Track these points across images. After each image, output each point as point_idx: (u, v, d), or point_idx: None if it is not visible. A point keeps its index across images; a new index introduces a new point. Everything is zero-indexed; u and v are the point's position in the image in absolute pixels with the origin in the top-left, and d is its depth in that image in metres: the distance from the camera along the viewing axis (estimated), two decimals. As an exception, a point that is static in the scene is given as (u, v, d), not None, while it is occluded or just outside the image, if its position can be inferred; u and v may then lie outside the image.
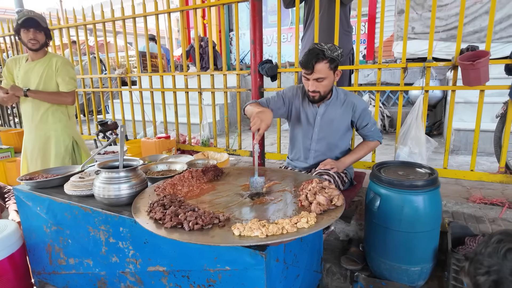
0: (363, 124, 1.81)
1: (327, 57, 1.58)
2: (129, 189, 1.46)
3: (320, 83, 1.64)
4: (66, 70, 2.22)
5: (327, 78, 1.63)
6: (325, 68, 1.60)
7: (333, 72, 1.65)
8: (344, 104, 1.79)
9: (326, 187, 1.38)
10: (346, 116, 1.80)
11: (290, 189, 1.51)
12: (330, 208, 1.25)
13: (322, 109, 1.80)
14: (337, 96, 1.81)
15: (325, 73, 1.61)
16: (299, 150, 1.94)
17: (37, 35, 2.12)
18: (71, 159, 2.36)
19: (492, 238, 0.60)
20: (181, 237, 1.04)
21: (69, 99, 2.24)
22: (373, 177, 1.66)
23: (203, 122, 2.83)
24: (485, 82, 1.81)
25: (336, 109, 1.79)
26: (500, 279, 0.56)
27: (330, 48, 1.59)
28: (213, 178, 1.69)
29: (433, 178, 1.52)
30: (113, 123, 3.27)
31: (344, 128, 1.83)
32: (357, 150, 1.80)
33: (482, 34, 4.53)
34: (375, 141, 1.82)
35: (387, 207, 1.57)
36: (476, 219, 1.89)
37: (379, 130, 1.84)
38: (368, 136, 1.82)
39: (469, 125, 3.29)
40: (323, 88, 1.67)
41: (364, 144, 1.81)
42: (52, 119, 2.25)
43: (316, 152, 1.87)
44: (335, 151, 1.88)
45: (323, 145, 1.85)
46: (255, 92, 2.51)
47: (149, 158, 2.13)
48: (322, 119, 1.81)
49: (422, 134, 1.95)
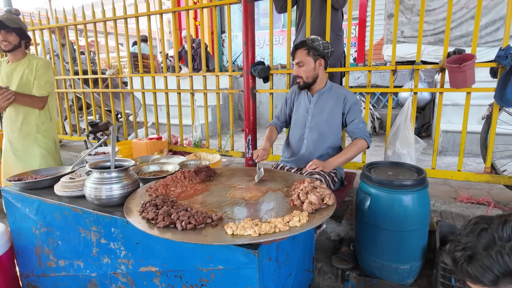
0: (351, 118, 1.87)
1: (306, 44, 1.83)
2: (120, 189, 1.45)
3: (300, 68, 1.85)
4: (44, 72, 2.18)
5: (306, 64, 1.84)
6: (303, 54, 1.83)
7: (313, 60, 1.83)
8: (336, 95, 1.91)
9: (318, 187, 1.40)
10: (337, 107, 1.89)
11: (282, 189, 1.52)
12: (322, 207, 1.27)
13: (315, 98, 1.94)
14: (331, 88, 1.95)
15: (303, 58, 1.83)
16: (294, 141, 2.03)
17: (8, 36, 2.09)
18: (55, 161, 2.34)
19: (470, 221, 0.66)
20: (174, 236, 1.04)
21: (41, 104, 2.18)
22: (364, 177, 1.69)
23: (195, 123, 2.83)
24: (471, 85, 1.86)
25: (329, 99, 1.92)
26: (473, 254, 0.63)
27: (311, 39, 1.84)
28: (206, 178, 1.69)
29: (421, 178, 1.56)
30: (104, 124, 3.24)
31: (335, 119, 1.90)
32: (345, 152, 1.84)
33: (469, 38, 4.65)
34: (362, 140, 1.83)
35: (377, 206, 1.60)
36: (464, 218, 1.93)
37: (367, 130, 1.89)
38: (355, 133, 1.85)
39: (457, 127, 3.37)
40: (304, 73, 1.86)
41: (352, 144, 1.84)
42: (35, 120, 2.22)
43: (308, 141, 1.96)
44: (325, 144, 1.93)
45: (314, 134, 1.93)
46: (247, 94, 2.52)
47: (140, 159, 2.12)
48: (315, 107, 1.93)
49: (411, 135, 1.99)
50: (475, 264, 0.62)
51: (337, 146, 1.98)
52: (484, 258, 0.61)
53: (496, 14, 4.57)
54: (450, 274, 1.51)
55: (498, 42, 4.46)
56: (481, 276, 0.61)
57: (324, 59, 1.86)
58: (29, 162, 2.26)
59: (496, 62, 1.84)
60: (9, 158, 2.29)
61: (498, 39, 4.46)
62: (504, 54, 1.76)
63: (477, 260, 0.62)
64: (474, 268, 0.62)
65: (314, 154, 1.95)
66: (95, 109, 3.50)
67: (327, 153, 1.95)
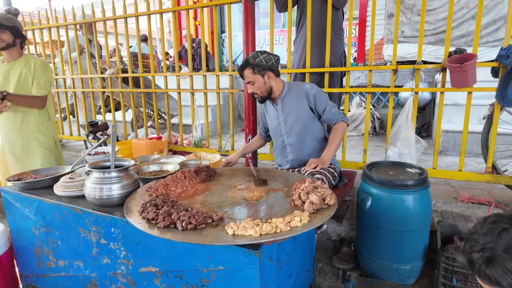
0: (321, 108, 1.87)
1: (249, 64, 1.82)
2: (120, 189, 1.45)
3: (252, 86, 1.86)
4: (43, 72, 2.18)
5: (256, 82, 1.85)
6: (249, 73, 1.83)
7: (261, 75, 1.84)
8: (298, 93, 1.91)
9: (319, 187, 1.39)
10: (302, 103, 1.89)
11: (283, 188, 1.52)
12: (323, 207, 1.27)
13: (280, 105, 1.95)
14: (290, 89, 1.94)
15: (251, 77, 1.84)
16: (278, 150, 2.07)
17: (1, 35, 2.08)
18: (56, 160, 2.33)
19: (487, 219, 0.63)
20: (175, 236, 1.04)
21: (40, 103, 2.20)
22: (365, 177, 1.68)
23: (196, 123, 2.82)
24: (472, 84, 1.86)
25: (291, 100, 1.92)
26: (493, 255, 0.60)
27: (252, 56, 1.84)
28: (206, 178, 1.69)
29: (423, 178, 1.55)
30: (103, 124, 3.23)
31: (305, 115, 1.90)
32: (331, 140, 1.84)
33: (469, 38, 4.65)
34: (341, 122, 1.85)
35: (378, 206, 1.59)
36: (465, 218, 1.93)
37: (341, 112, 1.91)
38: (331, 119, 1.87)
39: (457, 127, 3.36)
40: (257, 90, 1.88)
41: (334, 130, 1.85)
42: (34, 120, 2.22)
43: (291, 146, 1.98)
44: (306, 141, 1.95)
45: (293, 137, 1.95)
46: (247, 93, 2.51)
47: (140, 159, 2.11)
48: (283, 113, 1.95)
49: (412, 135, 1.98)
50: (495, 266, 0.59)
51: (320, 138, 1.98)
52: (506, 260, 0.58)
53: (496, 14, 4.56)
54: (451, 275, 1.50)
55: (498, 42, 4.46)
56: (501, 279, 0.59)
57: (271, 70, 1.86)
58: (30, 162, 2.26)
59: (497, 62, 1.84)
60: (8, 159, 2.28)
61: (499, 39, 4.45)
62: (505, 53, 1.76)
63: (497, 263, 0.59)
64: (494, 271, 0.59)
65: (302, 153, 1.96)
66: (134, 109, 3.30)
67: (314, 147, 1.97)
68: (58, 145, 2.45)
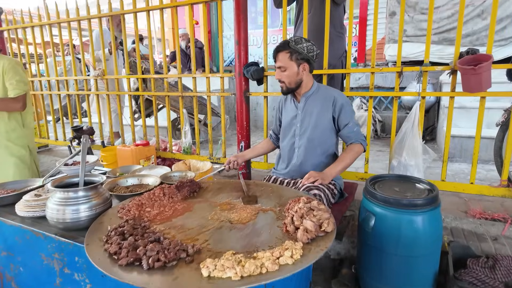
0: (344, 122, 1.70)
1: (289, 47, 1.64)
2: (88, 210, 1.27)
3: (283, 72, 1.68)
4: (14, 72, 2.00)
5: (289, 69, 1.67)
6: (285, 58, 1.65)
7: (297, 64, 1.66)
8: (324, 97, 1.74)
9: (315, 208, 1.21)
10: (326, 110, 1.73)
11: (274, 208, 1.34)
12: (319, 234, 1.08)
13: (302, 103, 1.78)
14: (318, 90, 1.77)
15: (286, 62, 1.65)
16: (285, 152, 1.87)
17: None
18: (30, 171, 2.15)
19: None
20: (136, 280, 0.85)
21: (18, 104, 2.02)
22: (367, 194, 1.50)
23: (185, 128, 2.63)
24: (487, 89, 1.67)
25: (316, 103, 1.75)
26: None
27: (295, 40, 1.65)
28: (189, 194, 1.50)
29: (433, 196, 1.37)
30: (89, 129, 3.04)
31: (325, 123, 1.73)
32: (342, 158, 1.67)
33: (474, 37, 4.46)
34: (358, 145, 1.68)
35: (382, 227, 1.41)
36: (477, 236, 1.74)
37: (362, 133, 1.73)
38: (350, 137, 1.70)
39: (464, 131, 3.18)
40: (286, 79, 1.70)
41: (348, 149, 1.68)
42: (4, 127, 2.03)
43: (299, 150, 1.80)
44: (317, 150, 1.77)
45: (305, 141, 1.77)
46: (239, 97, 2.33)
47: (120, 170, 1.92)
48: (303, 112, 1.78)
49: (419, 144, 1.80)
50: None
51: (331, 153, 1.80)
52: None
53: (502, 12, 4.37)
54: (466, 307, 1.32)
55: (505, 41, 4.27)
56: None
57: (308, 63, 1.68)
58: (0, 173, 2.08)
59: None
60: None
61: (505, 38, 4.26)
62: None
63: None
64: None
65: (307, 163, 1.78)
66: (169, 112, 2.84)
67: (320, 161, 1.78)
68: (33, 153, 2.27)
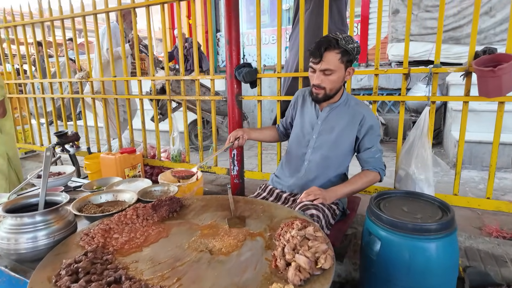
0: (367, 145, 1.49)
1: (340, 46, 1.35)
2: (47, 238, 1.09)
3: (327, 76, 1.39)
4: None
5: (336, 73, 1.38)
6: (335, 59, 1.36)
7: (344, 67, 1.40)
8: (352, 114, 1.50)
9: (311, 237, 1.02)
10: (351, 129, 1.50)
11: (264, 232, 1.15)
12: (315, 273, 0.89)
13: (325, 113, 1.54)
14: (347, 103, 1.53)
15: (335, 65, 1.37)
16: (292, 160, 1.64)
17: None
18: (7, 181, 1.97)
19: None
20: None
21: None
22: (371, 214, 1.31)
23: (174, 134, 2.45)
24: (507, 93, 1.48)
25: (341, 117, 1.51)
26: None
27: (345, 39, 1.36)
28: (167, 215, 1.31)
29: (449, 220, 1.18)
30: (74, 134, 2.86)
31: (345, 142, 1.52)
32: (353, 181, 1.46)
33: (482, 36, 4.26)
34: (376, 173, 1.48)
35: (389, 254, 1.22)
36: (495, 259, 1.55)
37: (383, 162, 1.52)
38: (369, 163, 1.49)
39: (474, 136, 2.98)
40: (330, 84, 1.41)
41: (362, 175, 1.48)
42: None
43: (309, 164, 1.57)
44: (329, 170, 1.56)
45: (317, 156, 1.55)
46: (231, 101, 2.14)
47: (97, 183, 1.74)
48: (323, 124, 1.54)
49: (429, 155, 1.60)
50: None
51: (340, 173, 1.60)
52: None
53: (513, 9, 4.18)
54: None
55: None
56: None
57: (353, 67, 1.46)
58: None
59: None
60: None
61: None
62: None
63: None
64: None
65: (314, 181, 1.57)
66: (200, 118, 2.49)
67: (328, 180, 1.57)
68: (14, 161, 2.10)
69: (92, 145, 3.17)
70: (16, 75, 3.39)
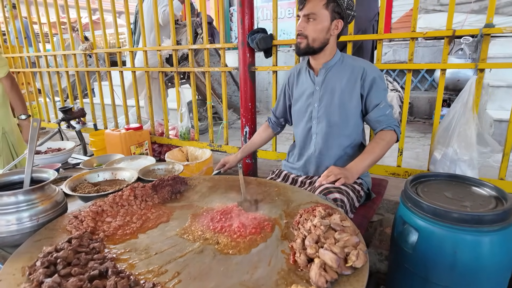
0: (374, 102, 1.31)
1: None
2: (29, 220, 0.95)
3: (310, 22, 1.30)
4: None
5: (320, 20, 1.29)
6: (319, 4, 1.28)
7: (330, 17, 1.29)
8: (351, 69, 1.36)
9: (337, 227, 0.84)
10: (353, 85, 1.34)
11: (279, 219, 0.98)
12: (344, 273, 0.72)
13: (322, 76, 1.39)
14: (342, 61, 1.39)
15: (318, 10, 1.28)
16: (300, 140, 1.49)
17: None
18: (2, 157, 1.87)
19: None
20: None
21: (15, 81, 1.93)
22: (407, 200, 1.11)
23: (182, 109, 2.27)
24: None
25: (340, 75, 1.37)
26: None
27: None
28: (170, 197, 1.16)
29: (506, 209, 0.96)
30: (79, 110, 2.74)
31: (351, 103, 1.35)
32: (370, 149, 1.27)
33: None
34: (391, 132, 1.29)
35: (428, 248, 1.03)
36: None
37: (396, 118, 1.35)
38: (381, 122, 1.31)
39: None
40: (313, 33, 1.31)
41: (377, 138, 1.29)
42: None
43: (317, 137, 1.41)
44: (341, 139, 1.39)
45: (324, 126, 1.40)
46: (243, 72, 1.93)
47: (98, 160, 1.60)
48: (322, 89, 1.40)
49: (474, 133, 1.37)
50: None
51: (357, 143, 1.42)
52: None
53: None
54: None
55: None
56: None
57: (343, 22, 1.31)
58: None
59: None
60: None
61: None
62: None
63: None
64: None
65: (326, 154, 1.40)
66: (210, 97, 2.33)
67: (344, 152, 1.40)
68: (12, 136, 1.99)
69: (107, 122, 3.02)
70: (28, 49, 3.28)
